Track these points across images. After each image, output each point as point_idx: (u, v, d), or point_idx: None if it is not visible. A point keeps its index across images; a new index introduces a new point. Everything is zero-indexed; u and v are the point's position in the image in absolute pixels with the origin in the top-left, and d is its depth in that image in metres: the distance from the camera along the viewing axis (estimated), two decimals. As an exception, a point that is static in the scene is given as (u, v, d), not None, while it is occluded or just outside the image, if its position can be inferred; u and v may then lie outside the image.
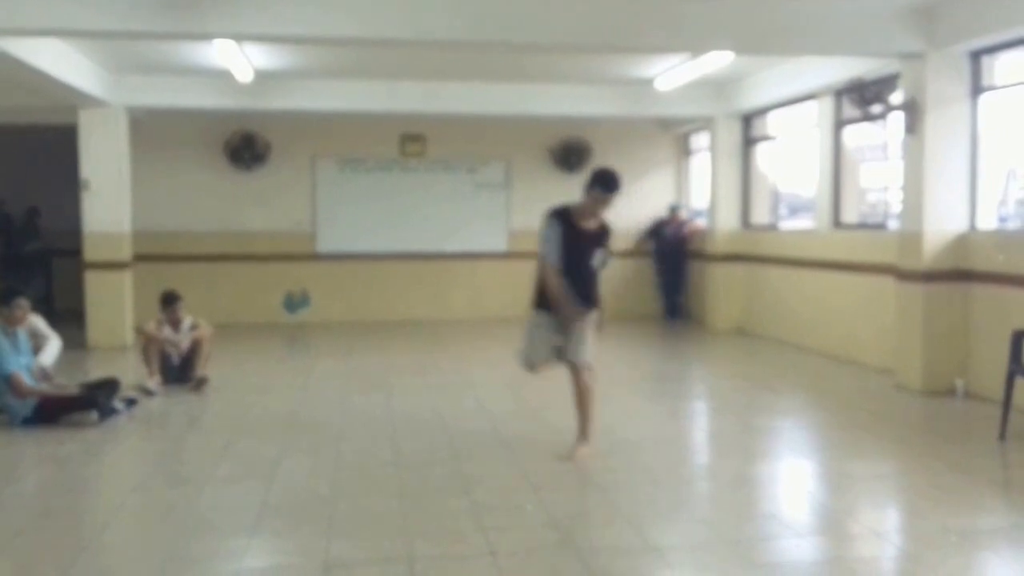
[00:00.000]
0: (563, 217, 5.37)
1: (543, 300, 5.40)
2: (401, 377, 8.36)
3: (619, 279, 13.23)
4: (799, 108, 10.35)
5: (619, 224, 12.82)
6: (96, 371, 7.86)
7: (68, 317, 10.81)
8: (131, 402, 6.96)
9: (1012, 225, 8.57)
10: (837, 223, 9.62)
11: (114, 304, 10.45)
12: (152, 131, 11.77)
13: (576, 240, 5.33)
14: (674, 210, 12.94)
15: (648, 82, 10.57)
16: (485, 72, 10.35)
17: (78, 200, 10.37)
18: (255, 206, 12.45)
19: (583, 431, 5.54)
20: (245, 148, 12.32)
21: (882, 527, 4.57)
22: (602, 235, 5.46)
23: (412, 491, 4.89)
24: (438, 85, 10.77)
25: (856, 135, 9.64)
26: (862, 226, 9.50)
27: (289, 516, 4.55)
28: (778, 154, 11.37)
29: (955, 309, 7.43)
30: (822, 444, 6.30)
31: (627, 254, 13.18)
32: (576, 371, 5.48)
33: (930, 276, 7.44)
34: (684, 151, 13.56)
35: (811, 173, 10.14)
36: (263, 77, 10.14)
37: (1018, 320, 6.46)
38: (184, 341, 7.87)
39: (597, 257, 5.40)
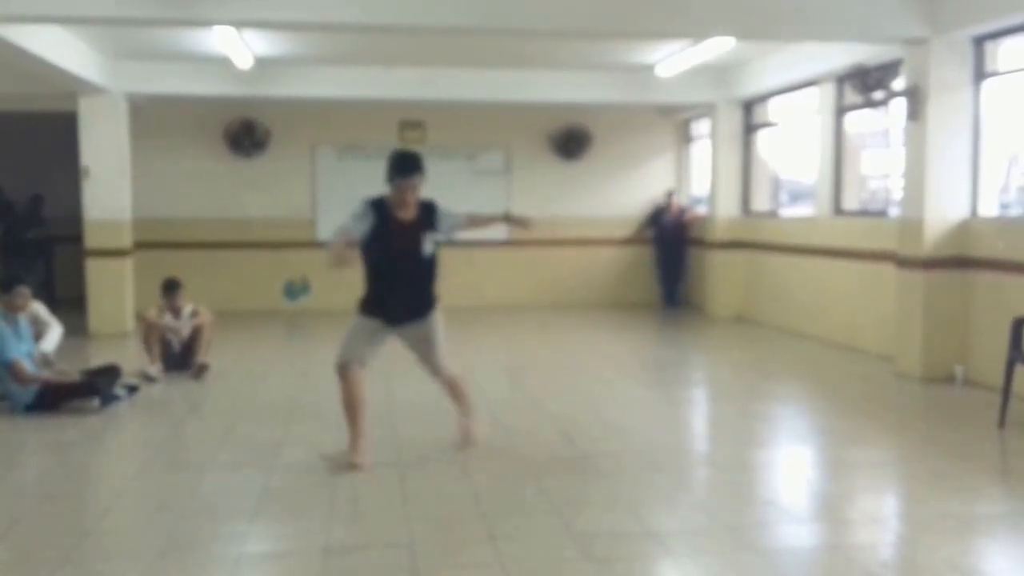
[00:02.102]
0: (378, 208, 4.92)
1: (367, 306, 5.05)
2: (400, 364, 8.34)
3: (618, 266, 13.28)
4: (800, 94, 10.31)
5: (619, 211, 13.24)
6: (97, 358, 7.87)
7: (69, 304, 10.83)
8: (132, 389, 6.98)
9: (1013, 212, 8.57)
10: (838, 210, 9.61)
11: (115, 291, 10.46)
12: (152, 118, 11.74)
13: (395, 238, 4.91)
14: (669, 195, 12.92)
15: (649, 68, 10.54)
16: (485, 58, 10.32)
17: (79, 187, 10.37)
18: (255, 193, 12.43)
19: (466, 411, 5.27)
20: (245, 135, 12.30)
21: (880, 513, 4.59)
22: (424, 222, 5.01)
23: (412, 476, 4.91)
24: (437, 72, 10.75)
25: (858, 122, 9.61)
26: (863, 213, 9.49)
27: (290, 501, 4.58)
28: (779, 141, 11.34)
29: (955, 296, 7.43)
30: (821, 431, 6.31)
31: (627, 241, 13.22)
32: (443, 377, 5.19)
33: (930, 263, 7.43)
34: (684, 138, 13.52)
35: (812, 160, 10.12)
36: (263, 64, 10.12)
37: (1018, 307, 6.46)
38: (185, 328, 7.89)
39: (428, 244, 4.98)
